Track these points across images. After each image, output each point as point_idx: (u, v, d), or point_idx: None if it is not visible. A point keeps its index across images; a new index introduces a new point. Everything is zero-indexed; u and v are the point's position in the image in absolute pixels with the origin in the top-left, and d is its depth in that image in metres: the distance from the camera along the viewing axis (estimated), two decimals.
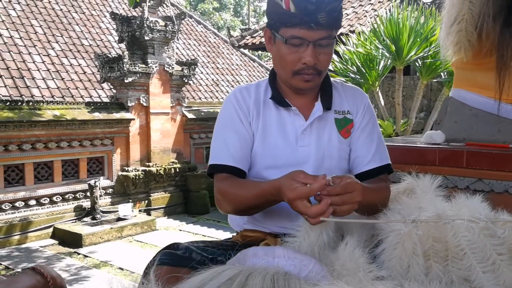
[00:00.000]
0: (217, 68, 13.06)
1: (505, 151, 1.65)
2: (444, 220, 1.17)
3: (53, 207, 6.99)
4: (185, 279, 1.03)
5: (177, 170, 8.38)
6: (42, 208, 6.88)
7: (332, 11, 1.35)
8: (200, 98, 11.22)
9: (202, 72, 12.25)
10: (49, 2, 10.35)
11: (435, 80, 6.87)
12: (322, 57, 1.41)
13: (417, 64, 6.04)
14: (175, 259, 1.28)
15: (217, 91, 12.05)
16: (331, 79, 1.59)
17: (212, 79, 12.43)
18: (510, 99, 1.72)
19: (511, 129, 1.77)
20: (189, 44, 13.20)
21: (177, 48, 11.81)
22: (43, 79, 8.46)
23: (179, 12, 9.03)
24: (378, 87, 6.36)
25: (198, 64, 10.18)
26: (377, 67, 6.15)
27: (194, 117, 9.01)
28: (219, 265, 1.10)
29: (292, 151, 1.48)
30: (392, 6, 6.32)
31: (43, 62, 8.85)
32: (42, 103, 7.03)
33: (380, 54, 6.03)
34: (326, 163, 1.50)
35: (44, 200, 6.90)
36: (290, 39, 1.38)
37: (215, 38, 14.37)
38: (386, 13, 6.04)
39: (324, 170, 1.48)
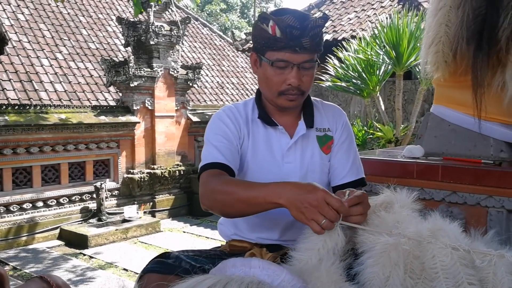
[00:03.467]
0: (222, 70, 13.19)
1: (477, 167, 1.77)
2: (427, 240, 1.23)
3: (59, 208, 7.14)
4: (171, 286, 1.15)
5: (182, 173, 8.52)
6: (49, 210, 7.03)
7: (315, 36, 1.47)
8: (205, 101, 11.36)
9: (207, 75, 12.38)
10: (57, 6, 10.52)
11: None
12: (305, 79, 1.52)
13: (417, 69, 6.13)
14: (165, 268, 1.39)
15: (222, 94, 12.18)
16: (312, 97, 1.71)
17: (217, 82, 12.56)
18: (483, 115, 1.83)
19: (485, 144, 1.88)
20: (195, 47, 13.34)
21: (183, 51, 11.96)
22: (51, 82, 8.65)
23: (184, 16, 9.16)
24: (378, 92, 6.45)
25: (203, 66, 10.30)
26: (377, 73, 6.25)
27: (199, 120, 9.13)
28: (204, 274, 1.22)
29: (278, 167, 1.59)
30: (393, 12, 6.39)
31: (51, 65, 9.03)
32: (49, 107, 7.18)
33: (380, 60, 6.13)
34: (309, 177, 1.61)
35: (51, 202, 7.06)
36: (276, 62, 1.49)
37: (220, 40, 14.51)
38: (387, 19, 6.12)
39: None
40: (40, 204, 6.94)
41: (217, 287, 1.07)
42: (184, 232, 7.52)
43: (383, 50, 5.99)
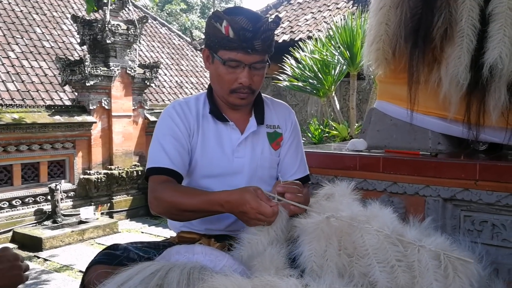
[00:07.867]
0: (181, 70, 13.12)
1: (415, 158, 1.87)
2: (354, 222, 1.32)
3: (12, 211, 6.94)
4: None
5: (139, 173, 8.42)
6: (1, 212, 6.82)
7: (266, 38, 1.53)
8: (163, 100, 11.27)
9: (166, 74, 12.29)
10: (9, 3, 10.21)
11: None
12: (255, 78, 1.58)
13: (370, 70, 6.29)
14: (113, 259, 1.41)
15: (180, 93, 12.11)
16: (262, 94, 1.76)
17: (176, 81, 12.48)
18: (421, 110, 1.94)
19: (424, 137, 1.99)
20: (153, 46, 13.22)
21: (141, 50, 11.82)
22: (3, 81, 8.39)
23: (141, 15, 9.07)
24: (334, 92, 6.59)
25: (162, 66, 10.20)
26: (332, 73, 6.38)
27: (157, 119, 9.03)
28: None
29: (228, 162, 1.64)
30: (347, 13, 6.55)
31: (3, 64, 8.76)
32: (1, 106, 6.97)
33: (335, 60, 6.26)
34: (259, 172, 1.68)
35: (3, 204, 6.85)
36: (228, 61, 1.54)
37: (179, 40, 14.42)
38: (341, 20, 6.27)
39: (256, 178, 1.66)
40: None
41: (160, 273, 1.10)
42: (142, 232, 7.45)
43: (338, 50, 6.13)
